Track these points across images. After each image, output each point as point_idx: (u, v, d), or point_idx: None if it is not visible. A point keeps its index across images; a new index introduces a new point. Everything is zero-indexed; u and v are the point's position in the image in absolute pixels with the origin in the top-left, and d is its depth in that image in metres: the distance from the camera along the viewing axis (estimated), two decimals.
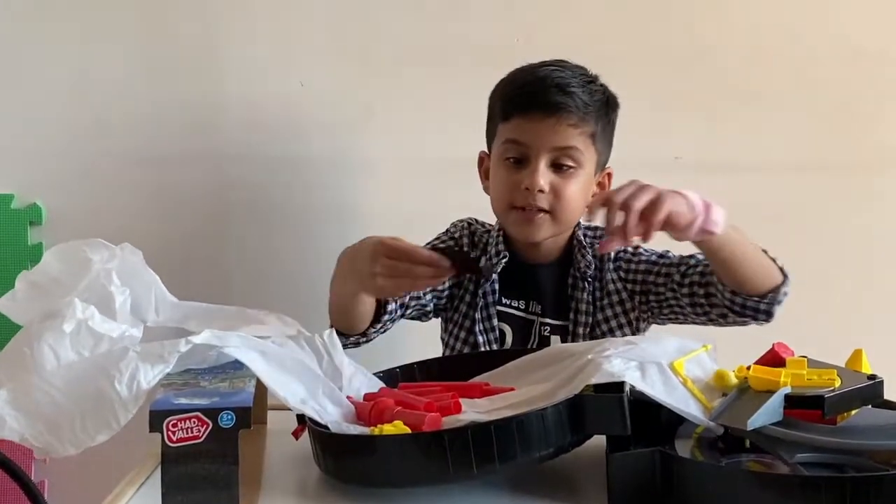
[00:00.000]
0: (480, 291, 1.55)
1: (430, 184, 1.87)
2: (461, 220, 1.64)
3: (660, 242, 1.40)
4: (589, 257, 1.55)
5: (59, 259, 1.10)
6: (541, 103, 1.45)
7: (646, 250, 1.55)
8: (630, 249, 1.55)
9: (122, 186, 1.90)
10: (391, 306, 1.41)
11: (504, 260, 1.55)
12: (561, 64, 1.49)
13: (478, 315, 1.54)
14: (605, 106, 1.51)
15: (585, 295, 1.54)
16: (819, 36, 1.91)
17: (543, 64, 1.49)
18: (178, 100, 1.89)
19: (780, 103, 1.92)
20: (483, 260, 1.53)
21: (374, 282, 1.20)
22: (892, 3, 1.92)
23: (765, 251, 1.38)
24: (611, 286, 1.55)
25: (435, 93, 1.87)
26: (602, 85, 1.52)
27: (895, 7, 1.92)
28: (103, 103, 1.88)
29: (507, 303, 1.56)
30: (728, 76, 1.91)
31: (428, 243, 1.59)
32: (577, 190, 1.49)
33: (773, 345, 1.08)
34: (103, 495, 1.00)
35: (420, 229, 1.69)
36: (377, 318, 1.39)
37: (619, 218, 1.13)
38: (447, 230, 1.64)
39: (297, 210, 1.91)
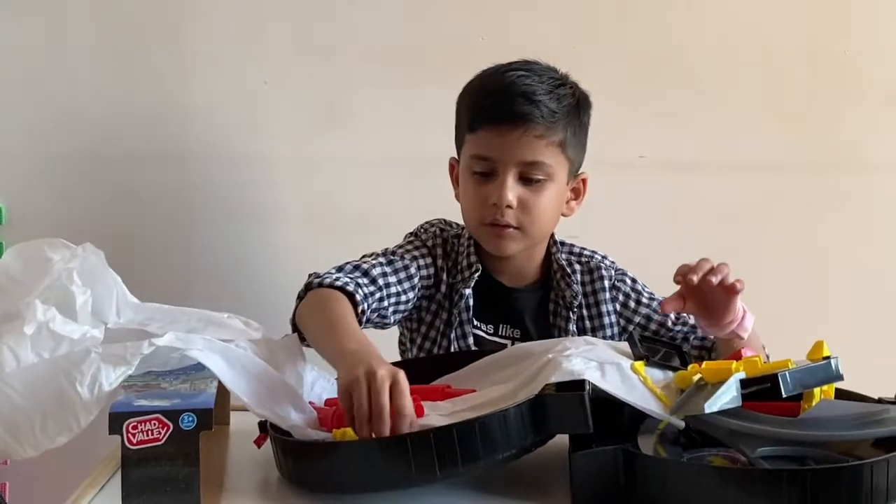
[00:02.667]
0: (455, 310, 1.47)
1: (396, 184, 1.87)
2: (432, 225, 1.55)
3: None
4: (575, 287, 1.49)
5: (18, 259, 1.10)
6: (506, 114, 1.38)
7: (646, 290, 1.53)
8: (628, 281, 1.53)
9: (85, 186, 1.87)
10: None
11: (476, 273, 1.47)
12: (528, 67, 1.42)
13: (453, 334, 1.47)
14: (576, 109, 1.44)
15: (571, 325, 1.49)
16: (784, 37, 1.92)
17: (510, 67, 1.42)
18: (140, 97, 1.86)
19: (744, 103, 1.93)
20: None
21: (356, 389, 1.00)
22: (856, 4, 1.94)
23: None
24: (606, 319, 1.51)
25: (400, 91, 1.87)
26: (572, 86, 1.45)
27: (859, 8, 1.93)
28: (65, 101, 1.86)
29: (477, 325, 1.49)
30: (693, 76, 1.92)
31: (399, 246, 1.51)
32: (548, 203, 1.43)
33: (741, 350, 1.09)
34: (65, 497, 0.99)
35: (385, 230, 1.69)
36: None
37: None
38: (417, 234, 1.54)
39: (262, 210, 1.89)
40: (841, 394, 1.06)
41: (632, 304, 1.52)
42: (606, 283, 1.51)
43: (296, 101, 1.88)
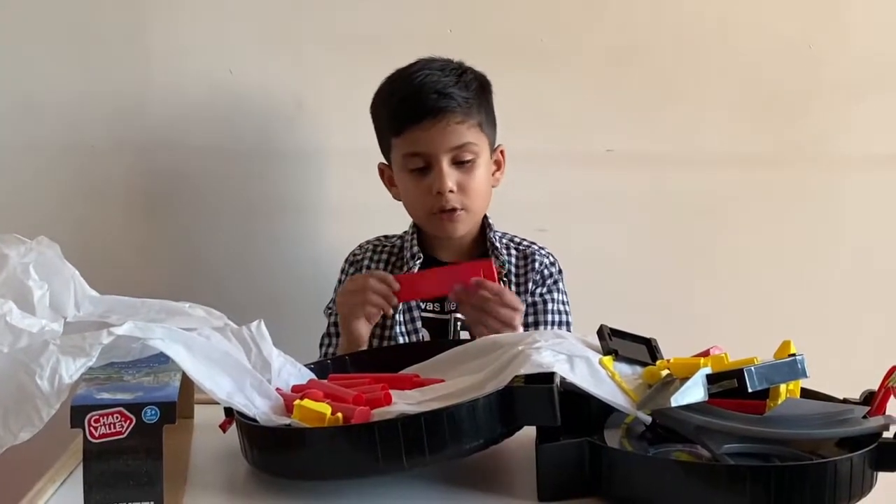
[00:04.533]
0: None
1: (362, 176, 1.85)
2: (368, 242, 1.70)
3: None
4: (504, 258, 1.63)
5: None
6: (427, 112, 1.53)
7: (560, 297, 1.65)
8: (549, 282, 1.64)
9: (43, 176, 1.84)
10: None
11: (419, 261, 1.61)
12: (430, 66, 1.57)
13: (399, 318, 1.58)
14: (482, 91, 1.60)
15: None
16: (750, 32, 1.93)
17: (414, 69, 1.57)
18: (101, 86, 1.84)
19: (711, 97, 1.93)
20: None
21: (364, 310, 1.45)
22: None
23: None
24: (532, 297, 1.62)
25: (367, 83, 1.85)
26: (472, 72, 1.60)
27: (824, 4, 1.94)
28: (22, 89, 1.83)
29: (423, 307, 1.62)
30: (660, 70, 1.92)
31: (338, 281, 1.68)
32: (481, 179, 1.58)
33: (710, 349, 1.09)
34: (24, 492, 0.98)
35: (351, 221, 1.69)
36: None
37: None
38: (347, 260, 1.69)
39: (225, 201, 1.88)
40: (806, 393, 1.06)
41: (545, 293, 1.63)
42: (537, 265, 1.63)
43: (261, 90, 1.87)
